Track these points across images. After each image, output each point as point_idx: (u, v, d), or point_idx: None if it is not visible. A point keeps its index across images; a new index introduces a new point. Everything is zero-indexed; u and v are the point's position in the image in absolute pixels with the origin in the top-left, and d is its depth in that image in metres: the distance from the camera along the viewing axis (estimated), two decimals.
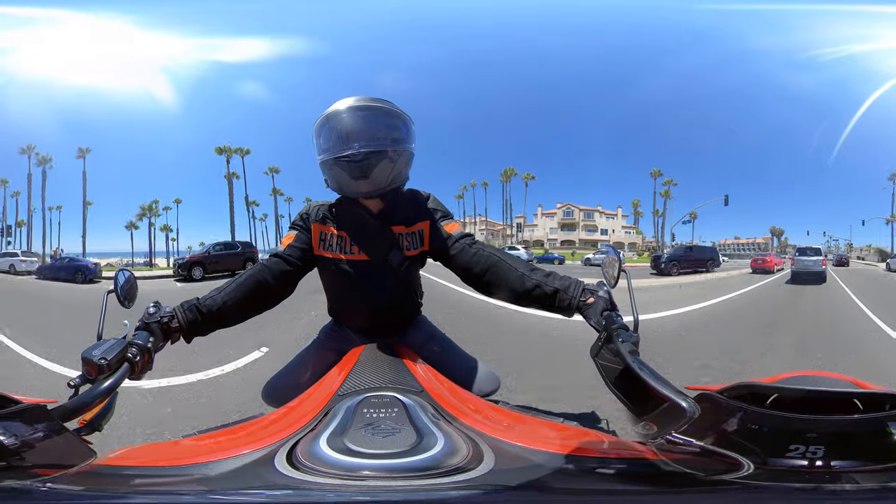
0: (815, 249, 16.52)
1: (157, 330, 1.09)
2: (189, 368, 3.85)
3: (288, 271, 1.30)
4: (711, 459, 0.71)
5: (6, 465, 0.66)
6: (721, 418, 0.73)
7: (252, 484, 0.69)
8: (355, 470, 0.68)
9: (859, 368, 4.47)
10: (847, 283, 14.18)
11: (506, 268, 1.24)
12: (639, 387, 0.88)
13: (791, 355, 5.05)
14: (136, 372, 0.99)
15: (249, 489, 0.69)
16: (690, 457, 0.73)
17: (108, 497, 0.68)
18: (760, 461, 0.68)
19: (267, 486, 0.68)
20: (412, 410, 0.85)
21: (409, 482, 0.67)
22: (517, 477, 0.72)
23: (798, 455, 0.67)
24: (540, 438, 0.86)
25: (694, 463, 0.72)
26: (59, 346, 4.74)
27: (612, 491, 0.74)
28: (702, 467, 0.71)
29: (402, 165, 1.28)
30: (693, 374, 3.95)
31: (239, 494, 0.68)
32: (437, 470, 0.69)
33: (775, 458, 0.68)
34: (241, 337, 4.59)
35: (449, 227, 1.36)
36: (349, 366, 1.14)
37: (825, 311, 9.05)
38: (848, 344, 5.85)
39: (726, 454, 0.69)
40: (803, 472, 0.66)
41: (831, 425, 0.67)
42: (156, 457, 0.89)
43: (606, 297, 1.14)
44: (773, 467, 0.67)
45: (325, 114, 1.24)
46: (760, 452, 0.68)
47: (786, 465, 0.67)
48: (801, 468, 0.67)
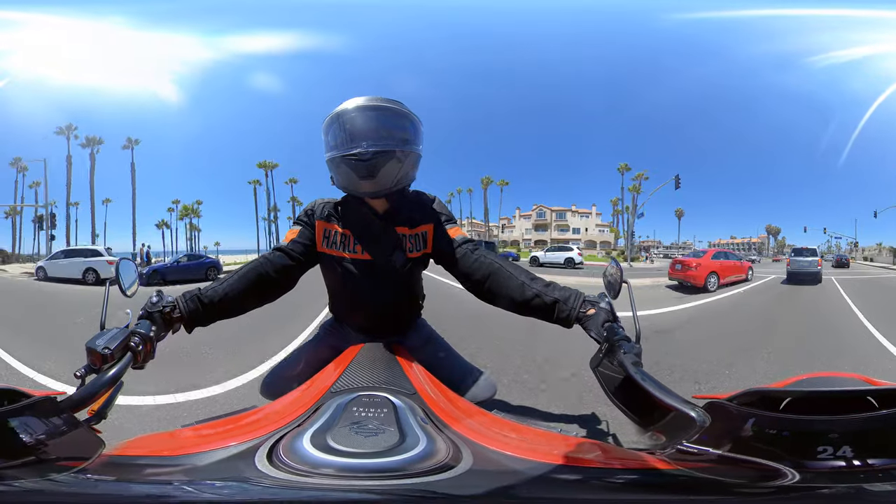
0: (810, 250, 16.41)
1: (159, 319, 1.11)
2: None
3: (290, 266, 1.31)
4: (735, 467, 0.70)
5: (34, 459, 0.68)
6: (735, 426, 0.71)
7: (229, 476, 0.70)
8: (329, 468, 0.69)
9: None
10: (822, 306, 9.26)
11: (506, 276, 1.24)
12: (642, 397, 0.87)
13: None
14: (139, 361, 1.01)
15: (225, 481, 0.70)
16: (709, 465, 0.72)
17: (127, 485, 0.71)
18: (794, 465, 0.66)
19: (241, 479, 0.69)
20: (401, 412, 0.85)
21: (374, 482, 0.67)
22: (488, 484, 0.71)
23: (830, 456, 0.65)
24: (529, 447, 0.85)
25: (716, 471, 0.71)
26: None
27: (618, 501, 0.73)
28: (728, 474, 0.70)
29: (409, 167, 1.28)
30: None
31: (213, 487, 0.69)
32: (406, 472, 0.69)
33: (809, 461, 0.66)
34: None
35: (452, 232, 1.36)
36: (345, 363, 1.15)
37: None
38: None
39: (757, 461, 0.68)
40: (843, 472, 0.65)
41: (852, 424, 0.66)
42: (159, 447, 0.91)
43: (608, 308, 1.13)
44: (812, 470, 0.66)
45: (335, 111, 1.24)
46: (788, 457, 0.67)
47: (824, 467, 0.65)
48: (839, 469, 0.65)
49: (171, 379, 3.43)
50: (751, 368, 4.22)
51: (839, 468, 0.65)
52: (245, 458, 0.73)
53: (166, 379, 3.39)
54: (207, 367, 3.96)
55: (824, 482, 0.65)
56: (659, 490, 0.74)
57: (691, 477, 0.71)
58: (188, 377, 3.57)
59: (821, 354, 5.09)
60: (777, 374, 4.02)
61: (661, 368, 3.86)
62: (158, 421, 2.83)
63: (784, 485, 0.65)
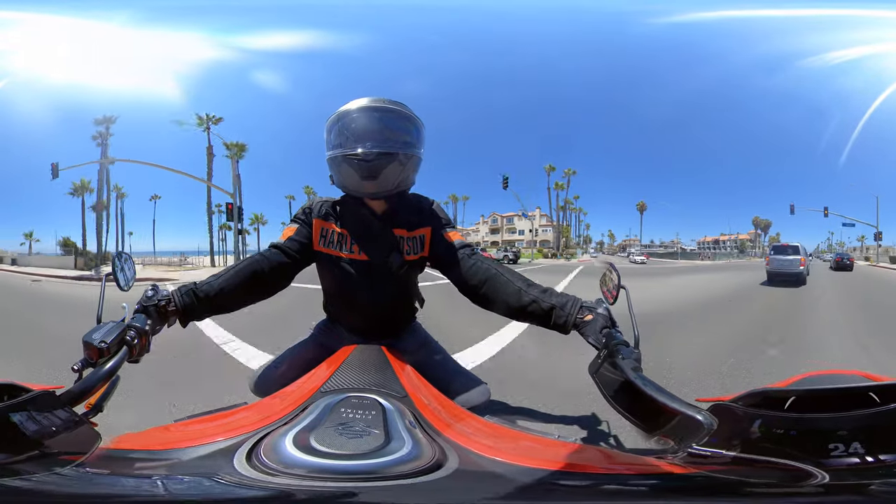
0: (793, 247, 14.13)
1: (155, 313, 1.11)
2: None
3: (285, 263, 1.31)
4: (754, 468, 0.69)
5: (37, 453, 0.69)
6: (742, 427, 0.71)
7: (202, 473, 0.71)
8: (302, 467, 0.69)
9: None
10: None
11: (503, 281, 1.24)
12: (644, 403, 0.86)
13: None
14: (135, 354, 1.01)
15: (196, 477, 0.70)
16: (726, 466, 0.71)
17: (117, 479, 0.71)
18: (816, 464, 0.66)
19: (211, 476, 0.69)
20: (389, 415, 0.85)
21: (347, 483, 0.67)
22: (471, 488, 0.70)
23: (843, 454, 0.65)
24: (520, 452, 0.85)
25: (735, 472, 0.70)
26: None
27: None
28: (749, 475, 0.70)
29: (410, 169, 1.28)
30: None
31: (181, 482, 0.70)
32: (384, 474, 0.68)
33: (824, 458, 0.66)
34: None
35: (450, 236, 1.36)
36: (337, 364, 1.14)
37: None
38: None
39: (778, 461, 0.67)
40: (862, 469, 0.65)
41: (857, 420, 0.66)
42: (150, 441, 0.91)
43: (606, 314, 1.11)
44: (835, 468, 0.65)
45: (339, 111, 1.25)
46: (803, 456, 0.67)
47: (842, 464, 0.65)
48: (856, 466, 0.65)
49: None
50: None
51: (856, 465, 0.65)
52: (225, 456, 0.73)
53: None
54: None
55: (851, 479, 0.65)
56: (677, 494, 0.73)
57: (710, 478, 0.71)
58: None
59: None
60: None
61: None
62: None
63: (812, 484, 0.65)
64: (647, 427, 0.89)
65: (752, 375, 3.63)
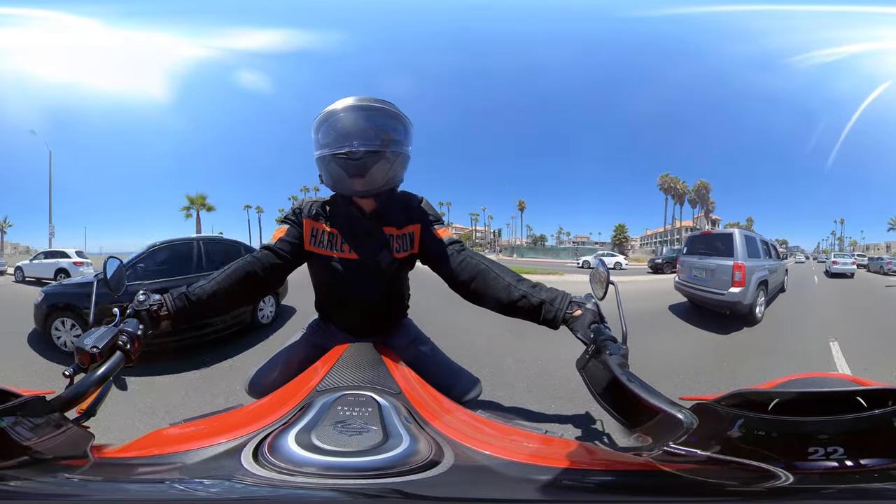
0: (723, 236, 7.26)
1: (146, 317, 1.11)
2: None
3: (277, 264, 1.32)
4: (724, 468, 0.69)
5: (27, 459, 0.68)
6: (723, 427, 0.71)
7: (217, 474, 0.71)
8: (312, 466, 0.70)
9: None
10: None
11: (493, 277, 1.25)
12: (629, 399, 0.87)
13: None
14: (131, 360, 1.01)
15: (213, 479, 0.71)
16: (697, 466, 0.71)
17: (120, 485, 0.71)
18: (786, 466, 0.65)
19: (228, 477, 0.70)
20: (385, 411, 0.86)
21: (357, 481, 0.68)
22: (468, 483, 0.72)
23: (822, 457, 0.65)
24: (509, 447, 0.86)
25: (704, 472, 0.70)
26: None
27: (598, 502, 0.73)
28: (716, 476, 0.69)
29: (398, 167, 1.29)
30: None
31: (202, 485, 0.70)
32: (389, 470, 0.70)
33: (800, 461, 0.65)
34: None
35: (439, 233, 1.37)
36: (331, 362, 1.15)
37: None
38: None
39: (747, 462, 0.67)
40: (836, 473, 0.64)
41: (842, 425, 0.66)
42: (148, 445, 0.91)
43: (594, 309, 1.14)
44: (804, 471, 0.65)
45: (326, 110, 1.25)
46: (779, 458, 0.66)
47: (816, 468, 0.65)
48: (831, 469, 0.65)
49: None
50: None
51: (832, 469, 0.65)
52: (232, 457, 0.73)
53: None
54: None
55: (817, 483, 0.64)
56: (644, 492, 0.74)
57: (678, 478, 0.71)
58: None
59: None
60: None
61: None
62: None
63: (775, 486, 0.64)
64: (628, 423, 0.91)
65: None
